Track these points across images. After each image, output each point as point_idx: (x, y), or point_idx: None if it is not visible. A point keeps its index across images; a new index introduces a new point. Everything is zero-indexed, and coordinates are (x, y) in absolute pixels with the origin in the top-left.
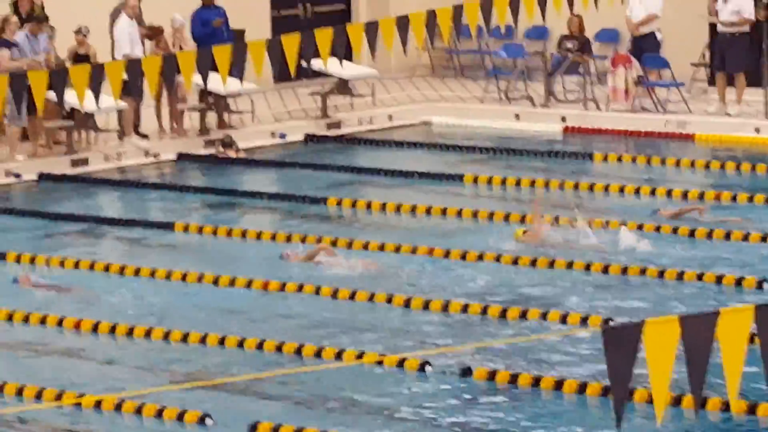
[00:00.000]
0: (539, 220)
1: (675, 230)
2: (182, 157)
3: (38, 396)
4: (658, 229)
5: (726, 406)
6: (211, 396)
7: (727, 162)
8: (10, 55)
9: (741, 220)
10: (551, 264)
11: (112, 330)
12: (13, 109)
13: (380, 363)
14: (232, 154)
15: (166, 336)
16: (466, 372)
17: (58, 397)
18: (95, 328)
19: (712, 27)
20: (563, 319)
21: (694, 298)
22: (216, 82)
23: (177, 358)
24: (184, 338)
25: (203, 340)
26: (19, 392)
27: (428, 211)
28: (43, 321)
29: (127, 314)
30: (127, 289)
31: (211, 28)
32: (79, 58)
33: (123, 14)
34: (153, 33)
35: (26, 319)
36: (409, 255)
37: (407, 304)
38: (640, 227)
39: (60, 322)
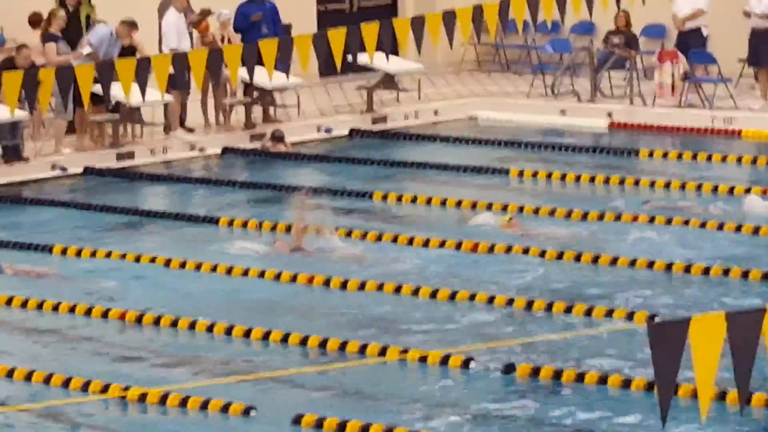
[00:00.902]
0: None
1: (721, 226)
2: (227, 151)
3: (84, 388)
4: (703, 224)
5: None
6: (256, 389)
7: None
8: (57, 48)
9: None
10: (595, 260)
11: (156, 322)
12: (59, 103)
13: (424, 359)
14: (282, 148)
15: (210, 329)
16: (510, 368)
17: (104, 389)
18: (139, 320)
19: None
20: (609, 315)
21: (738, 294)
22: (262, 76)
23: (221, 351)
24: (228, 331)
25: (247, 334)
26: (66, 384)
27: (473, 205)
28: (88, 312)
29: (171, 307)
30: (172, 282)
31: (250, 21)
32: (124, 50)
33: (171, 8)
34: (202, 16)
35: (72, 310)
36: (454, 250)
37: (452, 298)
38: (686, 222)
39: (105, 314)
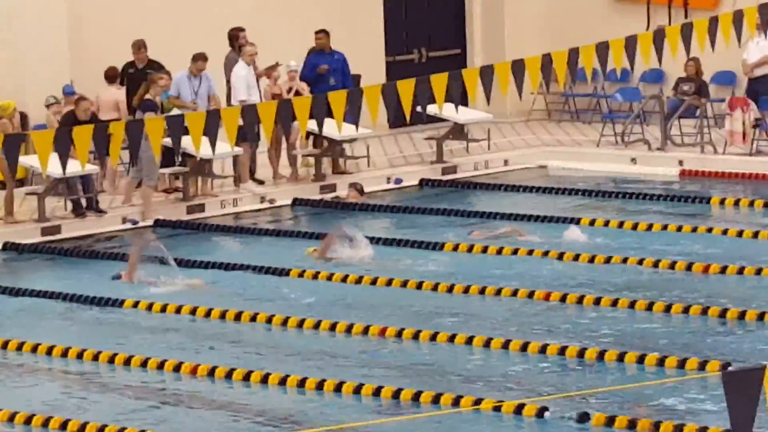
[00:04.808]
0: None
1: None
2: (297, 202)
3: None
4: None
5: None
6: None
7: None
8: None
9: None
10: (668, 309)
11: (211, 373)
12: (148, 168)
13: (498, 409)
14: (357, 198)
15: (264, 380)
16: (584, 417)
17: None
18: (194, 372)
19: None
20: (681, 365)
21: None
22: (331, 128)
23: (281, 403)
24: (283, 382)
25: (302, 383)
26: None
27: (545, 254)
28: (144, 364)
29: (228, 358)
30: (233, 333)
31: (316, 73)
32: None
33: (240, 61)
34: (270, 69)
35: (127, 362)
36: (526, 299)
37: (524, 348)
38: (758, 271)
39: (161, 366)
